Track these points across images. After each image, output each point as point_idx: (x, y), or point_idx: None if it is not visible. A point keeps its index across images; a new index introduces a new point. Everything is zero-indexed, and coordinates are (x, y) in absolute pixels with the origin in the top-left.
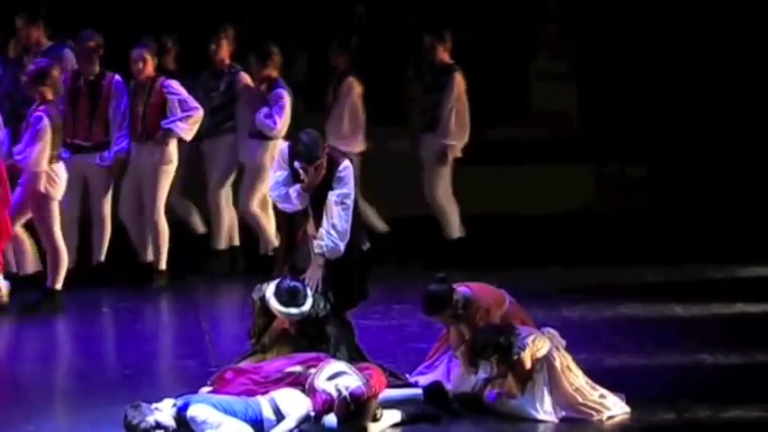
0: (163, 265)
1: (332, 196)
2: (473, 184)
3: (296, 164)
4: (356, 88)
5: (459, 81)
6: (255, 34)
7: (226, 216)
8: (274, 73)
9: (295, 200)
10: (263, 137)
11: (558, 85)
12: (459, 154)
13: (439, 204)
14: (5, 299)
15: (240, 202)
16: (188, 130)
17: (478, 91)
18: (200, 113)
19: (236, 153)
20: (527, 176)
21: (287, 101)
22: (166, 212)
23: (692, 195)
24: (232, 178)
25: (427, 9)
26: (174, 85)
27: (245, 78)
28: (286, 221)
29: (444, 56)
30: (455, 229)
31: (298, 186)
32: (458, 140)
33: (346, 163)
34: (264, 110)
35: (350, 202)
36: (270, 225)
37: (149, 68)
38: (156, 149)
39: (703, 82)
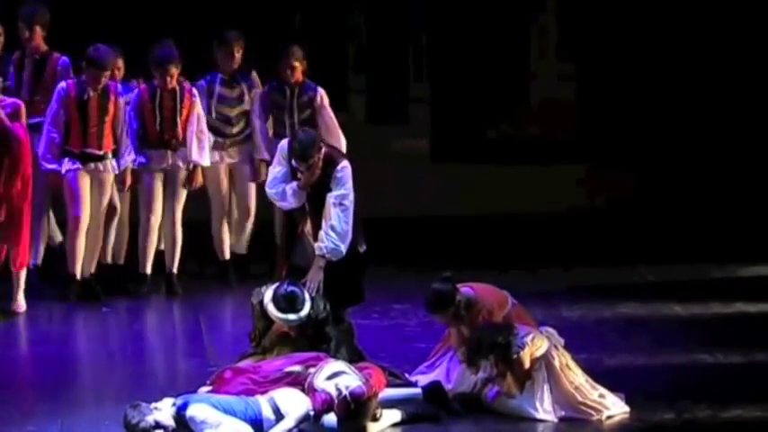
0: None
1: (330, 198)
2: (473, 184)
3: (292, 161)
4: None
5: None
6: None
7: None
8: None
9: (291, 197)
10: None
11: (557, 84)
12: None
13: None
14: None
15: None
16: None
17: (477, 90)
18: None
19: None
20: (526, 176)
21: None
22: None
23: (692, 194)
24: None
25: (426, 8)
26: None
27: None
28: (286, 220)
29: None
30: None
31: (294, 184)
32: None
33: (344, 163)
34: None
35: (348, 202)
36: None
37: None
38: (184, 156)
39: (704, 81)
